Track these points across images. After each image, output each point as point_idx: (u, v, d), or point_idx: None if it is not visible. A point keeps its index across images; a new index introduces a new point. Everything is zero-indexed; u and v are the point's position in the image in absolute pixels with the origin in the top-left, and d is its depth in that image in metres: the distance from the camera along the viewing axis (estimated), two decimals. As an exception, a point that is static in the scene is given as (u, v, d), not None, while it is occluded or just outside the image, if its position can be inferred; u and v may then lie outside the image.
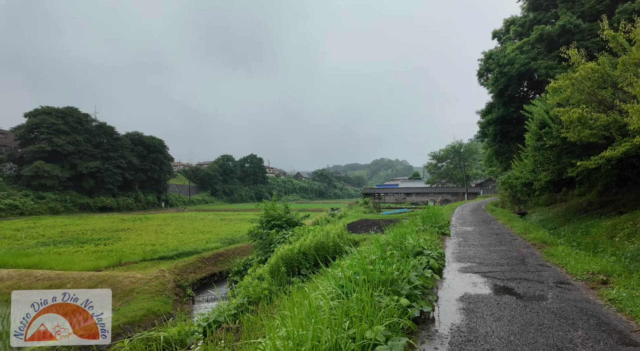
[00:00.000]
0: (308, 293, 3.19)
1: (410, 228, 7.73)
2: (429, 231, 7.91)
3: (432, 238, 6.83)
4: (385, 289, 3.27)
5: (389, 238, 5.77)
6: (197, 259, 17.88)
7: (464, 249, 7.34)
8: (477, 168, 74.66)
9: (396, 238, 5.65)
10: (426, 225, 9.38)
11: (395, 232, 6.02)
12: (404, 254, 4.68)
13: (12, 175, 60.64)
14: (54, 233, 28.98)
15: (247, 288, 6.64)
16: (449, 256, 6.50)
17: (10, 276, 13.99)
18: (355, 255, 4.58)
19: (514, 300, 4.01)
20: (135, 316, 10.77)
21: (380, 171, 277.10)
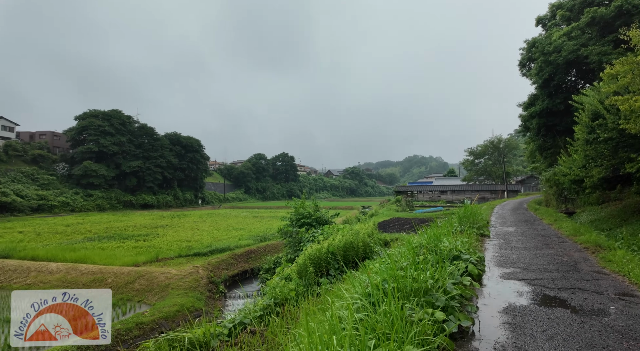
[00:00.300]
0: (331, 303, 2.92)
1: (445, 229, 7.24)
2: (466, 232, 7.35)
3: (470, 240, 6.32)
4: (418, 299, 2.94)
5: (422, 239, 5.36)
6: (230, 256, 18.16)
7: (506, 253, 6.74)
8: (518, 165, 70.66)
9: (430, 241, 5.23)
10: (463, 226, 8.79)
11: (429, 233, 5.60)
12: (439, 259, 4.28)
13: (65, 174, 65.33)
14: (99, 229, 30.79)
15: (274, 289, 6.49)
16: (490, 261, 5.97)
17: (59, 269, 14.90)
18: (384, 259, 4.25)
19: (569, 314, 3.50)
20: (169, 311, 11.05)
21: (413, 168, 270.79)
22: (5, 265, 15.65)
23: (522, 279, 4.83)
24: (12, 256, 17.00)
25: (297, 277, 7.39)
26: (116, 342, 8.98)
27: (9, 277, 14.78)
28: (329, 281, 7.64)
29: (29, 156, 62.12)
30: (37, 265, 15.40)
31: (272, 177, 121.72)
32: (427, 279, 3.26)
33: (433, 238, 5.40)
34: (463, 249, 5.17)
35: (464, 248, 5.33)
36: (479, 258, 5.21)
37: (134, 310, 11.87)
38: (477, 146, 63.56)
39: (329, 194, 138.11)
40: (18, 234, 26.99)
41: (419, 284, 3.15)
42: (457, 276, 3.84)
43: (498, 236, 9.12)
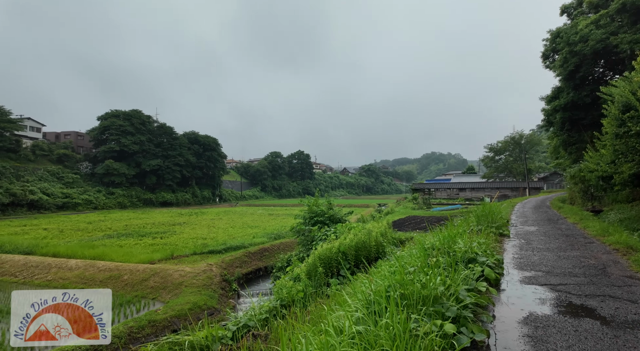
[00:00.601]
0: (326, 314, 2.68)
1: (461, 229, 6.86)
2: (484, 232, 6.95)
3: (488, 241, 5.93)
4: (426, 309, 2.66)
5: (435, 240, 5.04)
6: (244, 254, 18.18)
7: (526, 254, 6.32)
8: (540, 161, 68.28)
9: (443, 242, 4.91)
10: (481, 225, 8.37)
11: (443, 234, 5.26)
12: (453, 262, 3.97)
13: (88, 173, 67.50)
14: (119, 226, 31.55)
15: (281, 290, 6.30)
16: (509, 263, 5.58)
17: (78, 266, 15.25)
18: (393, 262, 3.98)
19: (598, 326, 3.13)
20: (182, 309, 11.07)
21: (431, 165, 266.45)
22: (29, 261, 16.14)
23: (545, 284, 4.45)
24: (35, 253, 17.54)
25: (306, 277, 7.19)
26: (128, 340, 9.02)
27: (32, 273, 15.23)
28: (339, 282, 7.41)
29: (54, 155, 64.43)
30: (58, 262, 15.81)
31: (288, 175, 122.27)
32: (437, 285, 2.97)
33: (447, 239, 5.07)
34: (479, 251, 4.82)
35: (481, 249, 4.97)
36: (497, 260, 4.84)
37: (147, 307, 11.97)
38: (497, 142, 61.80)
39: (345, 191, 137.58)
40: (43, 231, 27.96)
41: (428, 291, 2.87)
42: (471, 282, 3.53)
43: (518, 235, 8.64)
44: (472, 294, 3.19)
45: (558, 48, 20.73)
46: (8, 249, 18.19)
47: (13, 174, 53.30)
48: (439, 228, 6.68)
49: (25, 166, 57.22)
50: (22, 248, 18.05)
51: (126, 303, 12.03)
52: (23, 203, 49.26)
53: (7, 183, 49.58)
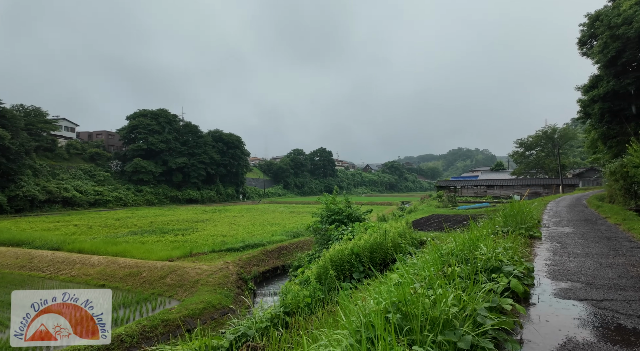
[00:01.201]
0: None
1: (485, 230, 6.20)
2: (511, 234, 6.23)
3: (516, 245, 5.24)
4: (433, 336, 2.16)
5: (453, 245, 4.46)
6: (261, 252, 18.01)
7: (561, 260, 5.58)
8: (575, 156, 64.51)
9: (463, 246, 4.33)
10: (508, 226, 7.62)
11: (463, 237, 4.66)
12: (472, 271, 3.41)
13: (118, 171, 70.13)
14: (144, 223, 32.39)
15: (285, 295, 5.90)
16: (540, 270, 4.89)
17: (100, 262, 15.56)
18: (401, 271, 3.47)
19: (659, 358, 2.51)
20: (196, 308, 10.95)
21: (458, 162, 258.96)
22: (55, 257, 16.66)
23: (585, 299, 3.77)
24: (62, 249, 18.12)
25: (315, 281, 6.75)
26: (141, 339, 8.94)
27: (57, 268, 15.69)
28: (352, 286, 6.93)
29: (87, 154, 67.35)
30: (82, 258, 16.22)
31: (310, 172, 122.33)
32: (450, 304, 2.45)
33: (467, 243, 4.48)
34: (505, 257, 4.20)
35: (507, 255, 4.34)
36: (526, 268, 4.20)
37: (163, 305, 11.96)
38: (527, 136, 58.75)
39: (368, 189, 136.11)
40: (73, 227, 29.09)
41: (438, 311, 2.36)
42: (494, 297, 2.96)
43: (551, 238, 7.81)
44: (494, 314, 2.63)
45: (597, 33, 19.09)
46: (38, 244, 18.91)
47: (49, 172, 56.08)
48: (460, 229, 6.05)
49: (60, 165, 60.12)
50: (51, 244, 18.71)
51: (143, 301, 12.07)
52: (58, 200, 51.73)
53: (44, 181, 52.20)
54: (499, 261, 3.90)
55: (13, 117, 47.82)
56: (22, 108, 58.44)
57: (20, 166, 46.83)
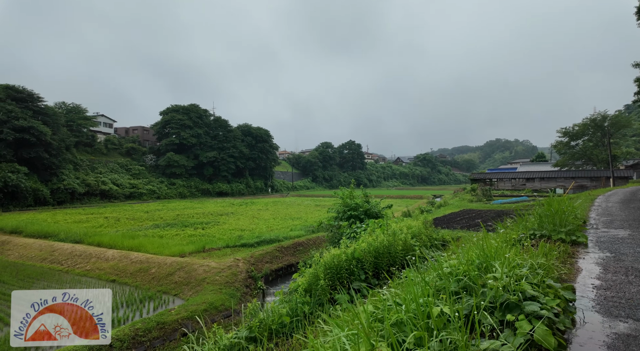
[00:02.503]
0: None
1: (511, 235, 4.91)
2: (543, 243, 4.84)
3: (550, 261, 3.96)
4: None
5: (456, 263, 3.26)
6: (275, 248, 17.32)
7: (616, 281, 4.18)
8: (629, 146, 58.45)
9: (473, 266, 3.15)
10: (544, 228, 6.20)
11: (470, 254, 3.45)
12: (473, 311, 2.28)
13: (152, 165, 72.70)
14: (170, 216, 32.89)
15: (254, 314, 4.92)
16: (585, 297, 3.59)
17: (114, 257, 15.53)
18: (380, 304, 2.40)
19: None
20: (196, 310, 10.37)
21: (495, 153, 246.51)
22: (74, 250, 16.90)
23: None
24: (82, 242, 18.43)
25: (301, 295, 5.77)
26: (132, 344, 8.43)
27: (74, 262, 15.86)
28: (350, 298, 5.88)
29: (123, 149, 70.29)
30: (98, 252, 16.31)
31: (339, 165, 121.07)
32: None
33: (479, 260, 3.31)
34: (533, 282, 2.99)
35: (536, 278, 3.12)
36: (563, 299, 2.97)
37: (166, 304, 11.53)
38: (573, 125, 53.77)
39: (398, 182, 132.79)
40: (103, 219, 30.04)
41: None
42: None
43: (601, 245, 6.29)
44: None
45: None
46: (62, 237, 19.39)
47: (89, 167, 59.02)
48: (472, 242, 4.81)
49: (99, 159, 63.14)
50: (74, 237, 19.11)
51: (147, 299, 11.71)
52: (96, 193, 54.31)
53: (84, 175, 54.96)
54: (521, 292, 2.71)
55: (54, 114, 50.46)
56: (63, 105, 61.77)
57: (61, 160, 49.45)
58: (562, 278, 4.06)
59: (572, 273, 4.37)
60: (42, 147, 45.73)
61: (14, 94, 45.45)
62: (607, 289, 3.79)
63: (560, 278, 4.04)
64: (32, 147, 44.95)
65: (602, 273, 4.41)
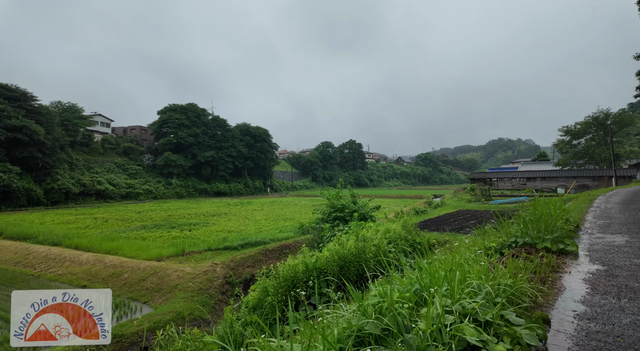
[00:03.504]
0: None
1: (487, 244, 4.15)
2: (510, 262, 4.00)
3: (519, 282, 3.18)
4: None
5: (386, 291, 2.50)
6: (259, 252, 16.59)
7: (605, 306, 3.36)
8: (633, 145, 57.31)
9: (406, 297, 2.39)
10: (527, 235, 5.42)
11: (410, 277, 2.68)
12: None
13: (150, 164, 72.18)
14: (161, 217, 32.23)
15: (163, 345, 4.15)
16: (562, 334, 2.79)
17: (88, 261, 14.85)
18: None
19: None
20: (161, 320, 9.64)
21: (498, 152, 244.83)
22: (50, 253, 16.25)
23: None
24: (60, 244, 17.77)
25: (249, 311, 5.03)
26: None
27: (48, 266, 15.20)
28: (300, 318, 5.11)
29: (121, 148, 69.84)
30: (73, 255, 15.64)
31: (340, 165, 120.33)
32: None
33: (422, 283, 2.56)
34: (480, 324, 2.23)
35: (490, 314, 2.36)
36: (524, 346, 2.21)
37: (132, 313, 10.82)
38: (575, 123, 52.72)
39: (399, 182, 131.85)
40: (92, 220, 29.42)
41: None
42: None
43: (592, 254, 5.49)
44: None
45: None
46: (41, 240, 18.75)
47: (85, 166, 58.54)
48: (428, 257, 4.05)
49: (95, 159, 62.68)
50: (52, 239, 18.45)
51: (113, 308, 10.99)
52: (92, 193, 53.79)
53: (79, 174, 54.46)
54: (458, 341, 1.94)
55: (49, 113, 49.99)
56: (59, 105, 61.32)
57: (55, 160, 48.95)
58: (537, 303, 3.28)
59: (552, 295, 3.59)
60: (35, 146, 45.24)
61: (6, 93, 44.98)
62: (591, 319, 3.00)
63: (534, 302, 3.27)
64: (25, 147, 44.46)
65: (589, 295, 3.62)
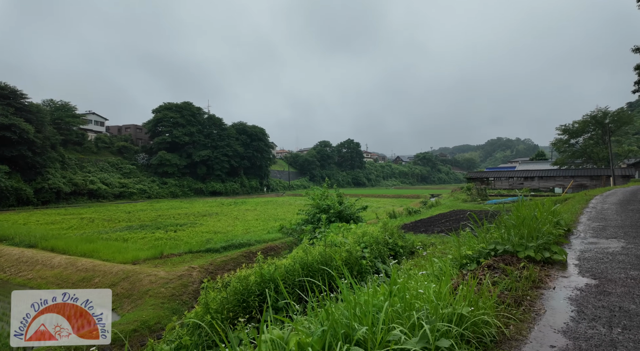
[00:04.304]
0: None
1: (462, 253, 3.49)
2: (464, 287, 3.30)
3: (479, 310, 2.52)
4: None
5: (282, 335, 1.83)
6: (242, 254, 15.91)
7: (592, 341, 2.67)
8: (631, 144, 56.74)
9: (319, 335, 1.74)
10: (508, 242, 4.76)
11: (347, 300, 2.01)
12: None
13: (144, 164, 71.38)
14: (150, 217, 31.51)
15: None
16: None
17: (60, 264, 14.16)
18: None
19: None
20: (123, 330, 8.96)
21: (497, 152, 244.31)
22: (22, 256, 15.55)
23: None
24: (36, 246, 17.07)
25: (187, 335, 4.37)
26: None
27: (18, 270, 14.50)
28: (256, 331, 4.44)
29: (115, 147, 68.98)
30: (46, 258, 14.94)
31: (337, 164, 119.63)
32: None
33: (346, 320, 1.89)
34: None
35: None
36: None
37: (97, 321, 10.13)
38: (573, 122, 52.07)
39: (398, 181, 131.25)
40: (78, 220, 28.70)
41: None
42: None
43: (583, 264, 4.83)
44: None
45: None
46: (17, 241, 18.05)
47: (77, 165, 57.75)
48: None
49: (88, 158, 61.85)
50: (28, 241, 17.75)
51: (77, 314, 10.30)
52: (84, 192, 53.00)
53: (71, 174, 53.65)
54: None
55: (39, 111, 49.17)
56: (52, 103, 60.51)
57: (46, 159, 48.15)
58: (504, 336, 2.61)
59: (527, 321, 2.91)
60: (25, 145, 44.44)
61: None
62: None
63: (499, 335, 2.60)
64: (14, 146, 43.67)
65: (574, 321, 2.94)
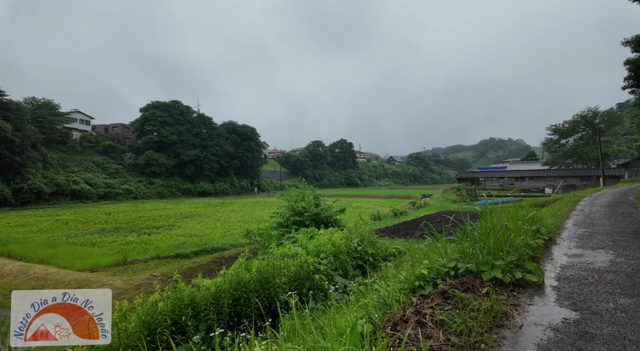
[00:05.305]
0: None
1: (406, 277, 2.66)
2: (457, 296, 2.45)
3: None
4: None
5: None
6: (213, 260, 14.94)
7: None
8: (621, 144, 56.71)
9: None
10: (471, 259, 3.93)
11: None
12: None
13: (132, 163, 69.84)
14: (129, 219, 30.36)
15: None
16: None
17: (11, 272, 13.10)
18: None
19: None
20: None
21: (489, 152, 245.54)
22: (-26, 263, 14.43)
23: None
24: (-7, 252, 15.96)
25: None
26: None
27: (-33, 278, 13.39)
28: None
29: (100, 147, 67.39)
30: (-2, 265, 13.84)
31: (330, 164, 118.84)
32: None
33: None
34: None
35: None
36: None
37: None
38: (563, 122, 51.81)
39: (391, 181, 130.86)
40: (53, 223, 27.48)
41: None
42: None
43: (563, 287, 4.00)
44: None
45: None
46: (-27, 246, 16.89)
47: (60, 165, 56.17)
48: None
49: (72, 157, 60.22)
50: (-14, 246, 16.62)
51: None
52: (66, 193, 51.50)
53: (53, 174, 52.09)
54: None
55: (18, 109, 47.61)
56: (34, 101, 58.80)
57: (25, 158, 46.62)
58: None
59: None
60: (2, 144, 42.95)
61: (-30, 88, 42.62)
62: None
63: None
64: (-9, 145, 42.18)
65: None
